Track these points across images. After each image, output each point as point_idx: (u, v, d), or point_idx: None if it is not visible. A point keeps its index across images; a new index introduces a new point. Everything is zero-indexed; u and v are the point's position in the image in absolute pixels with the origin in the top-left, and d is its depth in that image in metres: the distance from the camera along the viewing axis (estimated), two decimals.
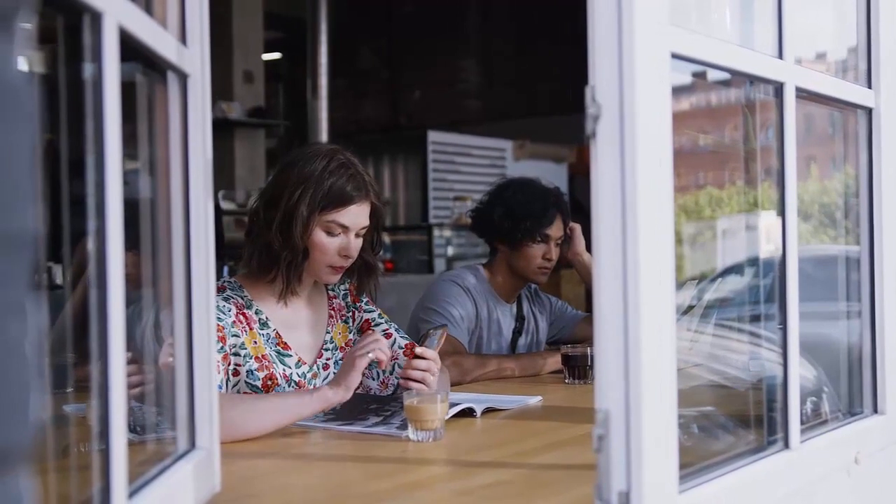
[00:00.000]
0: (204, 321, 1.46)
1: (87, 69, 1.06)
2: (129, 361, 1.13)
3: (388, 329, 2.52)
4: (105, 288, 1.05)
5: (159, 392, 1.53)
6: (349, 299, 2.54)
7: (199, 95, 1.45)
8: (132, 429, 1.30)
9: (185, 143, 1.43)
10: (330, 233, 2.31)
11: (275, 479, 1.80)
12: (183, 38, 1.42)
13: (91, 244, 1.08)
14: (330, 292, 2.53)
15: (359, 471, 1.81)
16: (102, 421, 1.05)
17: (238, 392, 2.26)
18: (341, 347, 2.48)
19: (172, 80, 1.40)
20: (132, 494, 1.14)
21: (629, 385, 1.23)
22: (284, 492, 1.72)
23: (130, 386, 1.18)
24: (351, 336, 2.51)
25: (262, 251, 2.33)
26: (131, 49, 1.16)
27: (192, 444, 1.45)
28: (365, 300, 2.56)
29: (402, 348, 2.48)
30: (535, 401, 2.50)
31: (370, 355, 2.12)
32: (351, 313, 2.54)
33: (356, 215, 2.33)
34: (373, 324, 2.53)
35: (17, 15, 0.64)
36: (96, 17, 1.04)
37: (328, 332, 2.47)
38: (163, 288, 1.47)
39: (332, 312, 2.50)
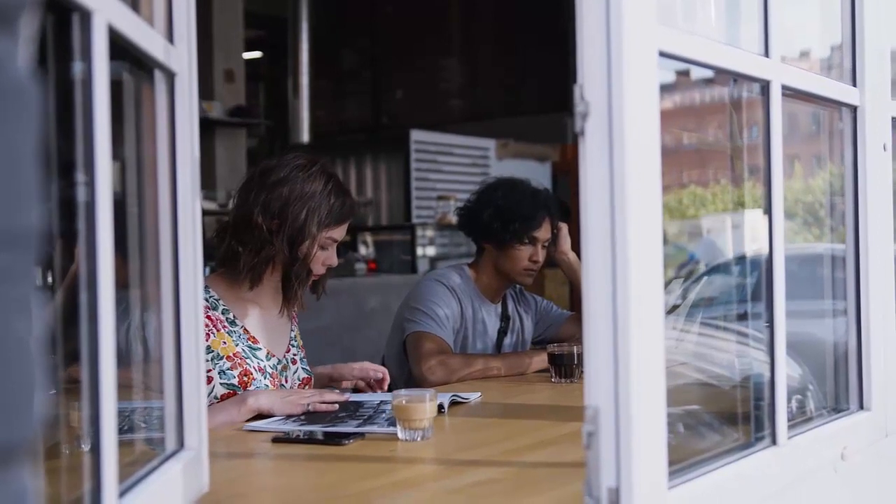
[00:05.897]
0: (192, 322, 1.46)
1: (76, 68, 1.05)
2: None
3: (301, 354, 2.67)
4: (95, 288, 1.05)
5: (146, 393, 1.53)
6: (296, 309, 2.66)
7: (187, 94, 1.44)
8: (119, 429, 1.29)
9: (172, 142, 1.42)
10: (323, 247, 2.44)
11: (263, 479, 1.80)
12: (170, 37, 1.41)
13: (77, 244, 1.07)
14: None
15: (347, 471, 1.81)
16: (93, 422, 1.05)
17: (215, 398, 2.29)
18: (301, 346, 2.62)
19: (160, 78, 1.40)
20: (122, 494, 1.14)
21: (618, 381, 1.23)
22: (273, 492, 1.72)
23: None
24: (302, 342, 2.66)
25: (264, 263, 2.39)
26: (119, 47, 1.15)
27: (181, 445, 1.44)
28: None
29: (299, 380, 2.56)
30: (475, 397, 2.51)
31: (309, 407, 2.25)
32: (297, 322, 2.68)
33: (345, 229, 2.49)
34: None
35: (21, 15, 0.64)
36: (86, 16, 1.03)
37: (292, 331, 2.60)
38: (149, 288, 1.46)
39: (293, 314, 2.62)
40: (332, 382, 2.61)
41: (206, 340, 2.31)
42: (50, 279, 1.36)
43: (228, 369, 2.34)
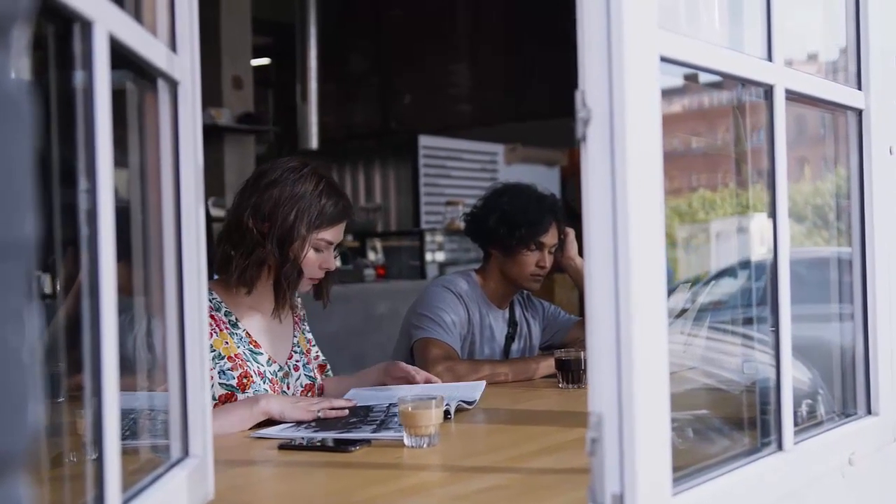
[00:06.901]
0: (196, 329, 1.46)
1: (78, 77, 1.06)
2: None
3: (318, 353, 2.70)
4: (97, 296, 1.05)
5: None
6: (303, 312, 2.68)
7: (190, 103, 1.45)
8: (124, 436, 1.30)
9: (175, 150, 1.43)
10: (317, 249, 2.44)
11: (268, 486, 1.80)
12: (173, 46, 1.42)
13: (82, 253, 1.07)
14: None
15: (354, 477, 1.81)
16: (96, 430, 1.05)
17: (213, 397, 2.30)
18: (305, 352, 2.61)
19: (162, 87, 1.40)
20: (126, 502, 1.14)
21: (622, 388, 1.23)
22: (279, 499, 1.72)
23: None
24: (308, 345, 2.66)
25: (255, 266, 2.40)
26: (121, 57, 1.16)
27: (186, 452, 1.44)
28: (305, 323, 2.70)
29: (301, 387, 2.57)
30: (479, 391, 2.53)
31: (319, 414, 2.26)
32: (305, 325, 2.68)
33: (340, 232, 2.48)
34: (312, 344, 2.68)
35: (15, 25, 0.65)
36: (87, 26, 1.03)
37: (295, 337, 2.60)
38: (154, 296, 1.47)
39: (296, 319, 2.63)
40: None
41: (209, 339, 2.32)
42: (56, 287, 1.37)
43: (229, 370, 2.35)
